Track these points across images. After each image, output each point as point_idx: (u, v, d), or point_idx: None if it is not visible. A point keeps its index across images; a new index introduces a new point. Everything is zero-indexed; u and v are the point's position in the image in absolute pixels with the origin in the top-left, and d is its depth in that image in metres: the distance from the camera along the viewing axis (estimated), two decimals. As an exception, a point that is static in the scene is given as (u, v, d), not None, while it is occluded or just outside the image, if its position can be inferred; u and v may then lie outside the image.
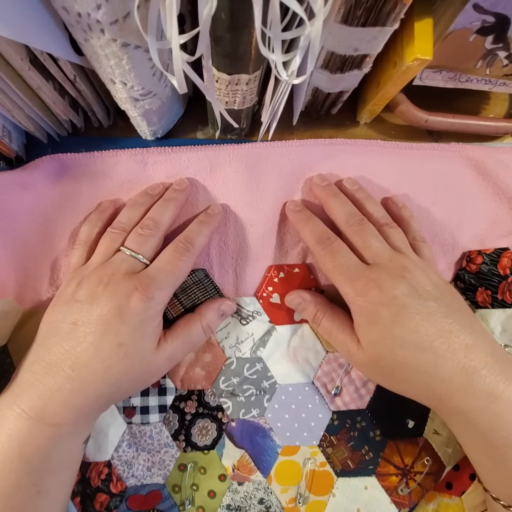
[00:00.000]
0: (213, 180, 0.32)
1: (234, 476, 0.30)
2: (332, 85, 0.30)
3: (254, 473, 0.30)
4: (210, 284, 0.31)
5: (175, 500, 0.30)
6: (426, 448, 0.31)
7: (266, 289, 0.32)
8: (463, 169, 0.34)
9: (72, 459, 0.26)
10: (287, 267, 0.32)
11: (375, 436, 0.31)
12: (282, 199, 0.32)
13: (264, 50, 0.20)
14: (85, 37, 0.21)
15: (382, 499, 0.30)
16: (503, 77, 0.30)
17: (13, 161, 0.32)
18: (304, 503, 0.30)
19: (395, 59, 0.27)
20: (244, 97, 0.27)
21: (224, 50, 0.22)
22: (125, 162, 0.31)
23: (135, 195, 0.31)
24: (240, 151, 0.32)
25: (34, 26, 0.20)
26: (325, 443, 0.31)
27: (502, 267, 0.32)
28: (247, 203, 0.32)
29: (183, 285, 0.31)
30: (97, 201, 0.31)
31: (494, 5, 0.25)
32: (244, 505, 0.30)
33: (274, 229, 0.32)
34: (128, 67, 0.23)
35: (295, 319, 0.32)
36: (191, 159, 0.32)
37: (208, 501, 0.30)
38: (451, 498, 0.30)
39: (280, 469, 0.30)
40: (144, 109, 0.28)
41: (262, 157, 0.32)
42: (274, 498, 0.30)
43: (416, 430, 0.31)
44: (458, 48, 0.28)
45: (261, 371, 0.31)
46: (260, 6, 0.17)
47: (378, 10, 0.22)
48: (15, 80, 0.24)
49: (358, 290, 0.26)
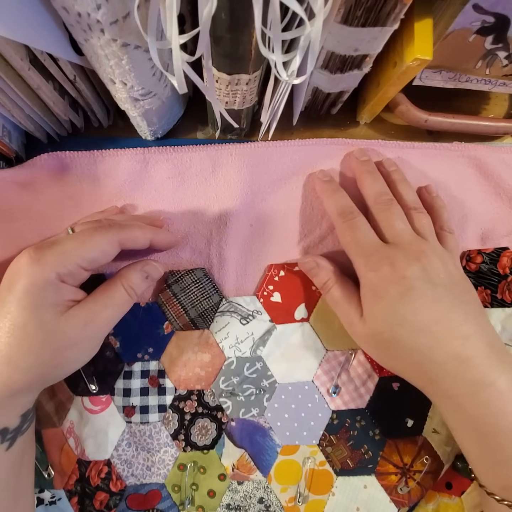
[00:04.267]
0: (215, 179, 0.32)
1: (234, 476, 0.30)
2: (332, 85, 0.30)
3: (254, 472, 0.30)
4: (209, 283, 0.31)
5: (175, 500, 0.30)
6: (425, 447, 0.31)
7: (267, 288, 0.32)
8: (464, 169, 0.34)
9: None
10: (287, 266, 0.32)
11: (375, 435, 0.31)
12: (283, 199, 0.32)
13: (264, 50, 0.20)
14: (85, 37, 0.21)
15: (381, 498, 0.30)
16: (503, 77, 0.30)
17: (13, 161, 0.32)
18: (303, 502, 0.30)
19: (395, 59, 0.27)
20: (244, 97, 0.27)
21: (224, 50, 0.22)
22: (126, 161, 0.31)
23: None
24: (242, 150, 0.32)
25: (34, 26, 0.20)
26: (325, 442, 0.31)
27: (502, 267, 0.32)
28: (248, 202, 0.32)
29: (182, 285, 0.31)
30: (99, 201, 0.31)
31: (494, 5, 0.25)
32: (243, 504, 0.30)
33: (274, 229, 0.32)
34: (128, 67, 0.23)
35: (296, 318, 0.32)
36: (193, 158, 0.32)
37: (207, 500, 0.30)
38: (451, 498, 0.30)
39: (280, 468, 0.30)
40: (144, 109, 0.28)
41: (264, 157, 0.32)
42: (273, 497, 0.30)
43: (415, 429, 0.31)
44: (458, 48, 0.28)
45: (261, 370, 0.31)
46: (260, 6, 0.17)
47: (378, 10, 0.22)
48: (15, 80, 0.24)
49: (371, 265, 0.26)
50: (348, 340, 0.30)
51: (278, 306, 0.32)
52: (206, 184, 0.32)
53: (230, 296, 0.32)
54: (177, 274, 0.31)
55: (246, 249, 0.32)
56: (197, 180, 0.32)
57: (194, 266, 0.31)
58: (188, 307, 0.31)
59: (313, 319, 0.32)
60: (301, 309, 0.32)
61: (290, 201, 0.33)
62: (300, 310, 0.32)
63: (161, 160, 0.32)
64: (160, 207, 0.32)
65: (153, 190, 0.32)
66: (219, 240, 0.32)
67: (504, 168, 0.33)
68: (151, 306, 0.31)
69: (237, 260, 0.32)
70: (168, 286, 0.31)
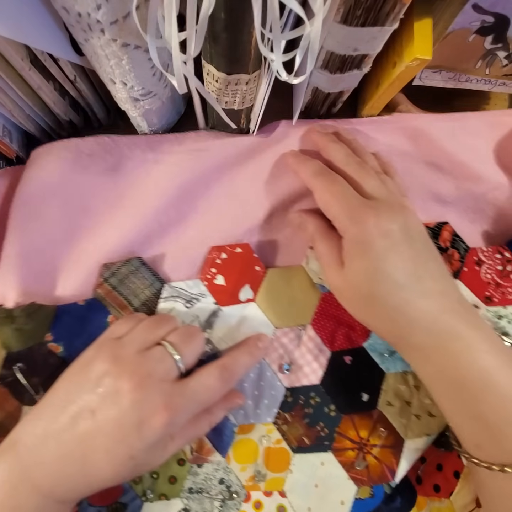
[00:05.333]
0: (158, 171, 0.32)
1: (193, 459, 0.30)
2: (332, 85, 0.30)
3: (212, 453, 0.30)
4: (148, 271, 0.31)
5: (137, 491, 0.29)
6: (381, 420, 0.31)
7: (210, 271, 0.31)
8: (403, 140, 0.34)
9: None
10: (229, 248, 0.32)
11: (330, 411, 0.31)
12: (228, 184, 0.32)
13: (264, 50, 0.20)
14: (85, 37, 0.21)
15: (339, 474, 0.30)
16: (502, 77, 0.30)
17: (13, 161, 0.32)
18: (262, 480, 0.30)
19: (395, 59, 0.27)
20: (244, 97, 0.27)
21: (224, 50, 0.22)
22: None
23: None
24: (185, 139, 0.32)
25: (34, 26, 0.21)
26: (280, 421, 0.30)
27: (443, 240, 0.33)
28: (193, 190, 0.32)
29: (119, 276, 0.30)
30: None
31: (493, 5, 0.25)
32: (205, 486, 0.30)
33: (219, 214, 0.32)
34: (128, 67, 0.23)
35: (241, 299, 0.31)
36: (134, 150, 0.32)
37: (169, 487, 0.30)
38: (441, 501, 0.30)
39: (238, 448, 0.30)
40: (144, 109, 0.28)
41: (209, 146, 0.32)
42: (234, 477, 0.30)
43: (370, 403, 0.31)
44: (458, 48, 0.28)
45: (210, 353, 0.31)
46: (260, 6, 0.17)
47: (377, 10, 0.22)
48: (15, 80, 0.25)
49: (356, 218, 0.26)
50: (297, 316, 0.30)
51: (223, 289, 0.31)
52: (148, 177, 0.31)
53: (173, 281, 0.31)
54: (113, 267, 0.30)
55: (188, 233, 0.32)
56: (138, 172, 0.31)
57: (129, 256, 0.31)
58: (130, 298, 0.30)
59: (259, 298, 0.31)
60: (246, 290, 0.32)
61: (232, 187, 0.32)
62: (245, 291, 0.32)
63: (98, 151, 0.30)
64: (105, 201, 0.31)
65: (87, 182, 0.31)
66: (166, 225, 0.31)
67: (446, 137, 0.33)
68: (91, 302, 0.30)
69: (180, 243, 0.32)
70: (105, 280, 0.30)
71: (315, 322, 0.31)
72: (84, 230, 0.31)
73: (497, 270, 0.33)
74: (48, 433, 0.23)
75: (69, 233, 0.31)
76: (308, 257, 0.32)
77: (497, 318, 0.32)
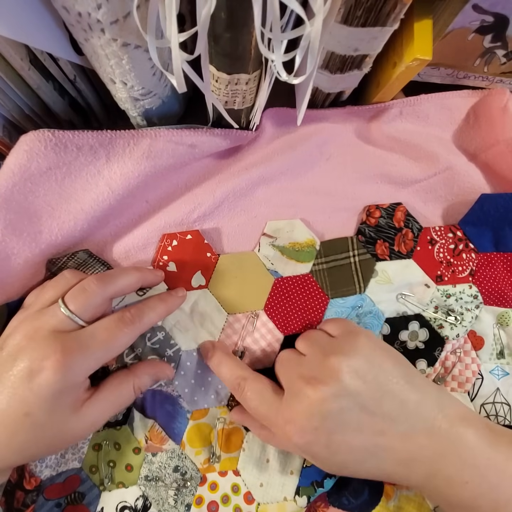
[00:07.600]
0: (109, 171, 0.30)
1: (148, 448, 0.30)
2: (332, 85, 0.30)
3: (166, 442, 0.30)
4: (97, 262, 0.30)
5: (94, 481, 0.30)
6: None
7: (162, 258, 0.31)
8: (355, 126, 0.34)
9: None
10: (180, 235, 0.32)
11: None
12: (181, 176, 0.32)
13: (264, 50, 0.20)
14: (86, 37, 0.21)
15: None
16: (500, 74, 0.30)
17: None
18: (217, 461, 0.30)
19: (395, 59, 0.27)
20: (244, 97, 0.27)
21: (224, 49, 0.22)
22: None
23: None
24: (141, 140, 0.29)
25: (34, 26, 0.20)
26: (234, 402, 0.31)
27: (397, 220, 0.34)
28: (148, 182, 0.31)
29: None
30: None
31: (493, 5, 0.25)
32: (160, 475, 0.30)
33: (170, 202, 0.32)
34: (128, 67, 0.23)
35: (193, 286, 0.32)
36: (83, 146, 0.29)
37: (126, 475, 0.30)
38: (409, 490, 0.30)
39: (192, 433, 0.30)
40: (144, 109, 0.28)
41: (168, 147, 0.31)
42: (189, 463, 0.30)
43: None
44: (457, 46, 0.28)
45: (164, 340, 0.31)
46: (260, 6, 0.17)
47: (378, 10, 0.22)
48: (15, 79, 0.24)
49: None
50: (250, 302, 0.31)
51: (175, 275, 0.31)
52: (99, 177, 0.29)
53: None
54: (59, 262, 0.29)
55: (139, 222, 0.32)
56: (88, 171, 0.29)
57: (76, 249, 0.30)
58: None
59: (211, 285, 0.32)
60: (198, 277, 0.32)
61: (184, 178, 0.33)
62: (197, 277, 0.32)
63: (37, 147, 0.26)
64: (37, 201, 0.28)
65: (28, 182, 0.27)
66: (113, 218, 0.31)
67: (399, 122, 0.34)
68: None
69: (134, 234, 0.32)
70: (54, 274, 0.29)
71: (268, 308, 0.32)
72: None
73: (449, 249, 0.33)
74: None
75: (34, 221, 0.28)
76: (260, 243, 0.32)
77: (446, 296, 0.33)
